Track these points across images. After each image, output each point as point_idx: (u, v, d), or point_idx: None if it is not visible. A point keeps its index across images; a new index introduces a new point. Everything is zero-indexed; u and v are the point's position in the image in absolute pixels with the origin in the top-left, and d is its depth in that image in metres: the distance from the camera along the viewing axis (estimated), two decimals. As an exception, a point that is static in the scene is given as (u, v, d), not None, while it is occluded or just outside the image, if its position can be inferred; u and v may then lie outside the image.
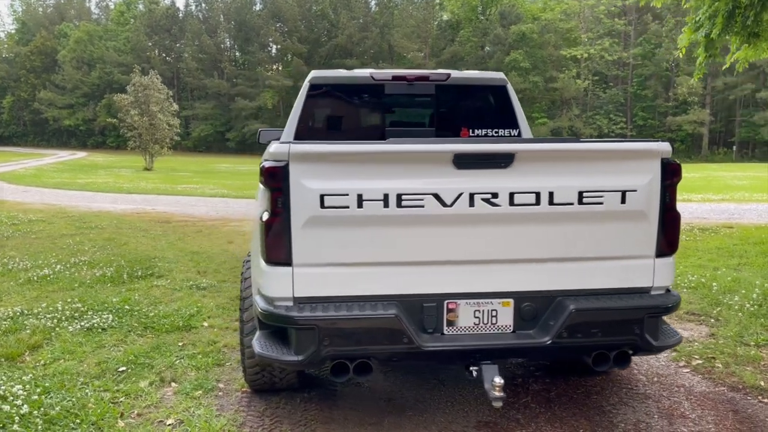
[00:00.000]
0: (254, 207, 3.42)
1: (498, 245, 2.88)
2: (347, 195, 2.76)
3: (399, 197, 2.77)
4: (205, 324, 5.09)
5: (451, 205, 2.79)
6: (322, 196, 2.74)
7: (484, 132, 4.89)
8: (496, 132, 4.90)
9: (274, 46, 74.15)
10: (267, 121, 66.28)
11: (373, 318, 2.76)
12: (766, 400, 3.61)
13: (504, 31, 58.72)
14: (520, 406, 3.58)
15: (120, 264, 7.29)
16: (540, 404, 3.60)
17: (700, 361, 4.22)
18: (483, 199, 2.80)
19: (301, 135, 4.66)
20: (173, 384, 3.89)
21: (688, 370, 4.11)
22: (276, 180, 2.76)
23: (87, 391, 3.71)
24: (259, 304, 2.89)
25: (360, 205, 2.76)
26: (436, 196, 2.78)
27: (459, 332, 2.93)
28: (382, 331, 2.79)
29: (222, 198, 16.71)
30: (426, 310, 2.90)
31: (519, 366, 4.16)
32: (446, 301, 2.91)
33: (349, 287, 2.85)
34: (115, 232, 9.96)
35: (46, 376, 3.93)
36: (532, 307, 2.95)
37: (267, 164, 2.78)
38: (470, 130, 4.89)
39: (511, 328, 2.96)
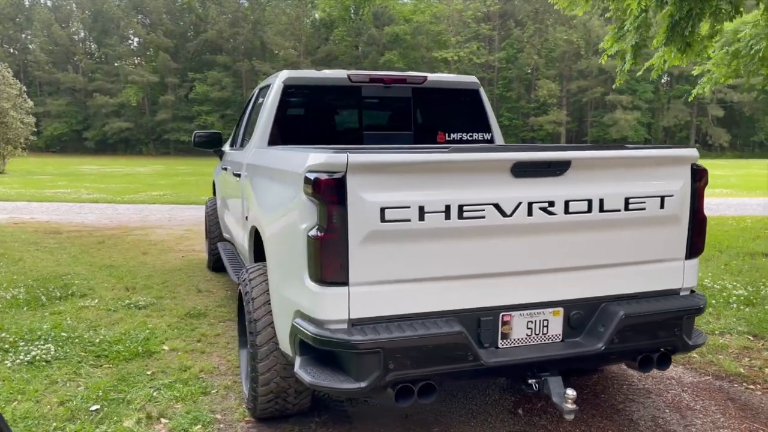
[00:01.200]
0: (276, 217, 3.10)
1: (551, 254, 2.84)
2: (408, 207, 2.58)
3: (460, 208, 2.64)
4: (166, 347, 4.60)
5: (511, 215, 2.71)
6: (382, 210, 2.55)
7: (459, 136, 4.86)
8: (470, 136, 4.89)
9: (136, 39, 69.88)
10: (131, 119, 62.47)
11: (440, 336, 2.61)
12: (752, 387, 3.90)
13: (378, 31, 59.64)
14: (539, 412, 3.58)
15: (28, 284, 6.43)
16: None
17: (675, 352, 4.47)
18: (541, 208, 2.75)
19: (275, 138, 4.35)
20: (163, 420, 3.47)
21: (668, 362, 4.34)
22: (332, 193, 2.52)
23: (67, 438, 3.21)
24: (308, 328, 2.63)
25: (422, 218, 2.60)
26: (497, 207, 2.69)
27: (512, 345, 2.86)
28: (449, 349, 2.64)
29: (108, 204, 15.37)
30: (483, 324, 2.79)
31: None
32: (501, 314, 2.82)
33: (406, 305, 2.68)
34: (0, 246, 8.80)
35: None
36: (580, 315, 2.95)
37: (322, 176, 2.52)
38: (446, 134, 4.84)
39: (560, 337, 2.94)
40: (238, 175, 4.60)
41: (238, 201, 4.71)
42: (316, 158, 2.63)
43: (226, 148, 6.42)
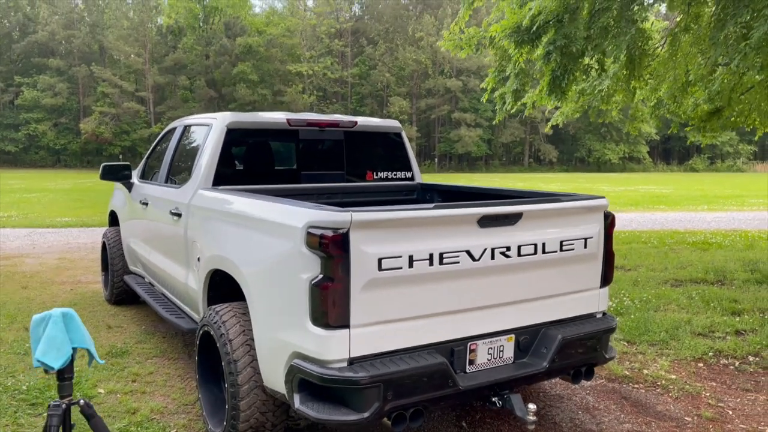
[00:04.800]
0: (263, 265, 3.32)
1: (506, 290, 3.39)
2: (401, 257, 2.99)
3: (441, 256, 3.10)
4: (101, 390, 4.53)
5: (479, 259, 3.21)
6: (380, 260, 2.93)
7: (385, 174, 5.32)
8: (395, 174, 5.37)
9: (-51, 37, 62.14)
10: (-55, 126, 55.41)
11: (428, 367, 3.02)
12: (637, 386, 4.75)
13: (230, 42, 58.54)
14: (480, 423, 4.10)
15: None
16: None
17: (572, 361, 5.25)
18: (500, 253, 3.29)
19: (218, 179, 4.50)
20: (135, 465, 3.51)
21: (568, 370, 5.10)
22: (337, 248, 2.85)
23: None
24: (311, 368, 2.92)
25: (411, 266, 3.02)
26: (468, 253, 3.18)
27: (477, 369, 3.35)
28: (434, 378, 3.07)
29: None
30: (456, 353, 3.26)
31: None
32: (469, 343, 3.31)
33: (395, 341, 3.06)
34: None
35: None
36: (527, 339, 3.52)
37: (327, 233, 2.84)
38: (374, 173, 5.27)
39: (512, 359, 3.48)
40: (177, 215, 4.67)
41: (176, 240, 4.76)
42: (318, 215, 2.94)
43: (135, 179, 6.33)
